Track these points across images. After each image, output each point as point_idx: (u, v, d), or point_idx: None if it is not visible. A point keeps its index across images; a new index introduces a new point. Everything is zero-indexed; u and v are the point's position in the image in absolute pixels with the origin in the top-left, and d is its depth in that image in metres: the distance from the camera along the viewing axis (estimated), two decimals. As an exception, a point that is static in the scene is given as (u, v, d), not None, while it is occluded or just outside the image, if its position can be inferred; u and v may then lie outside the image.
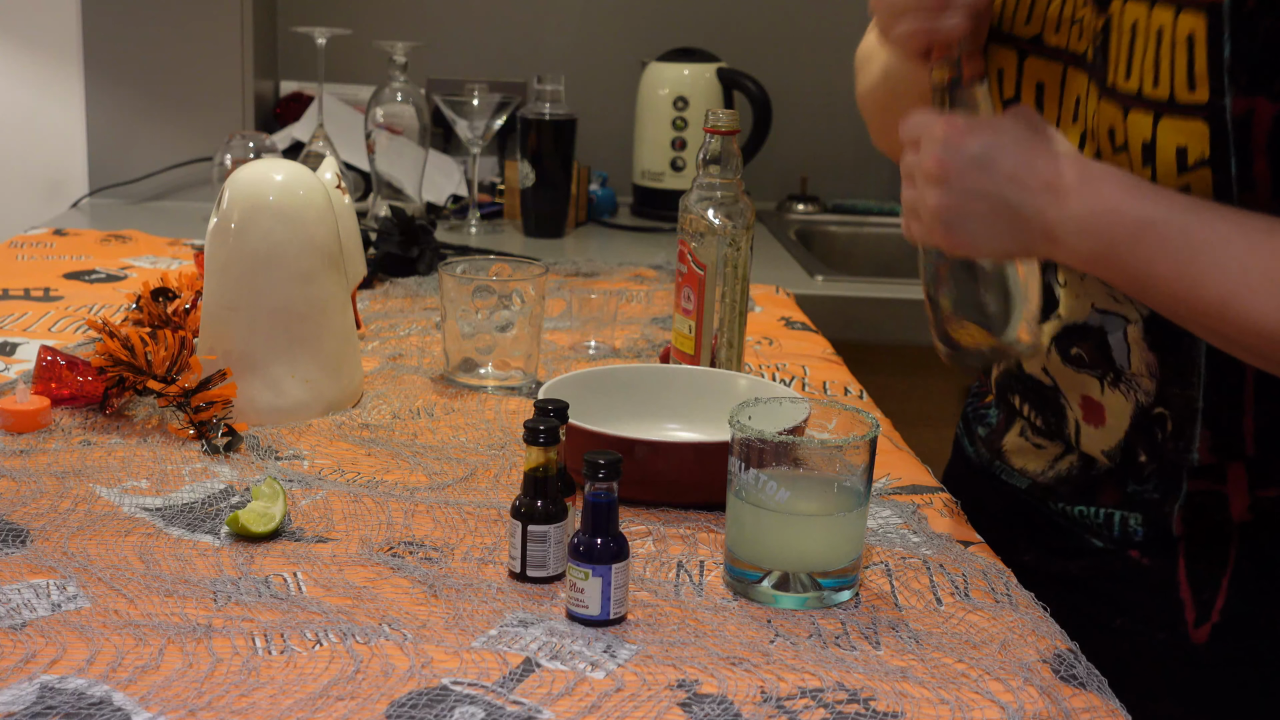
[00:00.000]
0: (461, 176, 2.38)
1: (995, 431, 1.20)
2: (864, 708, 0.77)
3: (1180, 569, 1.04)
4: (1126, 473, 1.06)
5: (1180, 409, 1.01)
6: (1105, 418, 1.06)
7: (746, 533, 0.90)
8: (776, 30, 2.62)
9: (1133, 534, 1.06)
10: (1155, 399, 1.02)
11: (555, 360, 1.44)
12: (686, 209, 1.26)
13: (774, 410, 0.96)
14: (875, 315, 2.01)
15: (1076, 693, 0.80)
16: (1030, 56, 1.05)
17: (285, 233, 1.17)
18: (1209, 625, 1.03)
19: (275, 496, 0.98)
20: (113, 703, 0.73)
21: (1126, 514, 1.06)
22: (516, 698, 0.76)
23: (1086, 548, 1.09)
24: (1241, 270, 0.87)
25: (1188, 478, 1.02)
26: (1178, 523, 1.03)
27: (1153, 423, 1.03)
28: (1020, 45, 1.06)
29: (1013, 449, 1.17)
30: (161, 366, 1.15)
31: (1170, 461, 1.03)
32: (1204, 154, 0.92)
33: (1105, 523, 1.07)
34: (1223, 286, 0.87)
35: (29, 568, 0.89)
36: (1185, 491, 1.02)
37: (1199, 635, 1.03)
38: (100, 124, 2.34)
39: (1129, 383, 1.03)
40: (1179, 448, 1.02)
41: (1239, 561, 1.02)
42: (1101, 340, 1.04)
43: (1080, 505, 1.09)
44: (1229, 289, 0.87)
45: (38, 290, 1.64)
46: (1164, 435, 1.02)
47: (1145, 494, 1.05)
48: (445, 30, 2.57)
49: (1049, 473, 1.12)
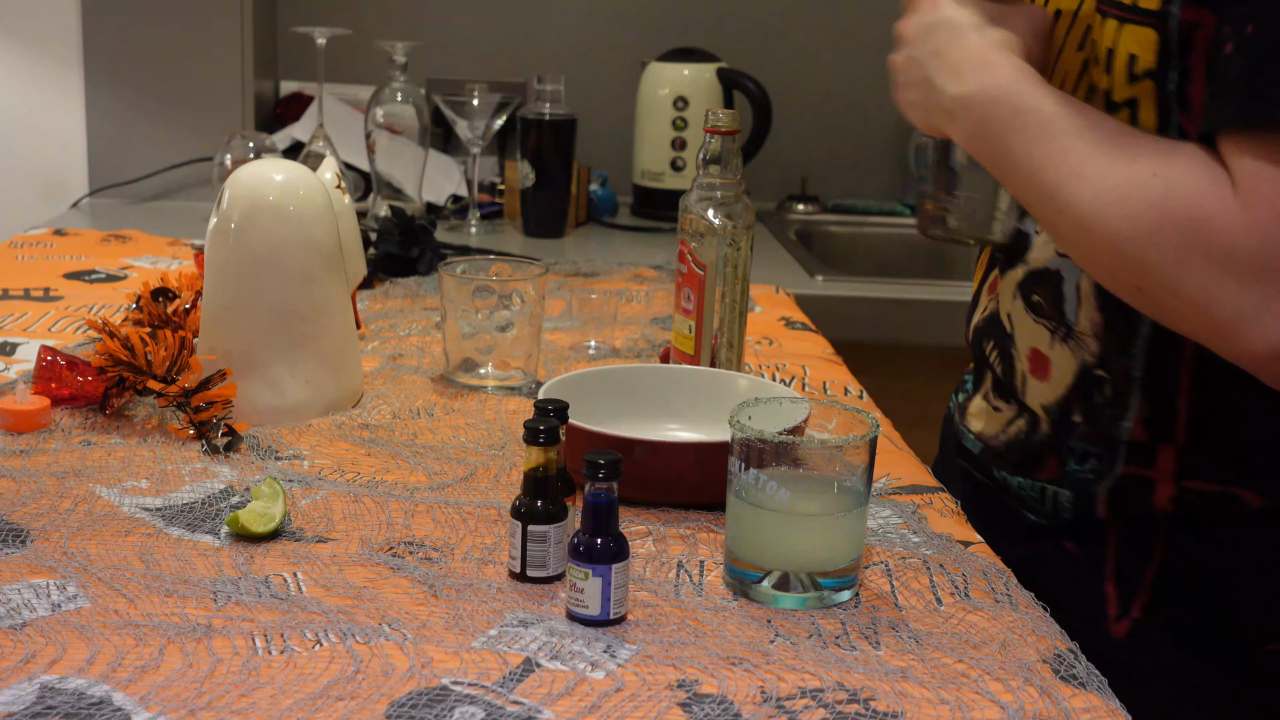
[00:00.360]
0: (461, 176, 2.38)
1: (968, 398, 1.22)
2: (864, 708, 0.77)
3: (1108, 562, 1.05)
4: (1060, 434, 1.06)
5: (1119, 375, 1.02)
6: (1051, 372, 1.07)
7: (746, 533, 0.90)
8: (776, 30, 2.62)
9: (1062, 510, 1.07)
10: (1098, 361, 1.03)
11: (555, 360, 1.44)
12: (686, 209, 1.26)
13: (774, 410, 0.96)
14: (875, 315, 2.01)
15: (1076, 693, 0.80)
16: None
17: (285, 233, 1.17)
18: (1128, 620, 1.04)
19: (275, 496, 0.98)
20: (113, 703, 0.73)
21: (1058, 490, 1.07)
22: (516, 698, 0.76)
23: (1024, 529, 1.10)
24: (1079, 162, 0.89)
25: (1122, 460, 1.02)
26: (1102, 504, 1.04)
27: (1093, 384, 1.04)
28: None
29: (975, 412, 1.18)
30: (161, 366, 1.15)
31: (1103, 428, 1.03)
32: (1150, 64, 0.94)
33: (1039, 497, 1.09)
34: (1058, 172, 0.90)
35: (29, 568, 0.89)
36: (1116, 474, 1.03)
37: (1118, 630, 1.04)
38: (100, 124, 2.34)
39: (1077, 340, 1.04)
40: (1113, 415, 1.02)
41: (1164, 561, 1.02)
42: (1058, 289, 1.05)
43: (1019, 477, 1.11)
44: (1062, 175, 0.90)
45: (38, 290, 1.65)
46: (1101, 399, 1.03)
47: (1080, 473, 1.05)
48: (445, 30, 2.57)
49: (1001, 437, 1.13)
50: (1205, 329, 0.87)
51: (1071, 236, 0.92)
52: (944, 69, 0.99)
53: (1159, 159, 0.87)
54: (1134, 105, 0.96)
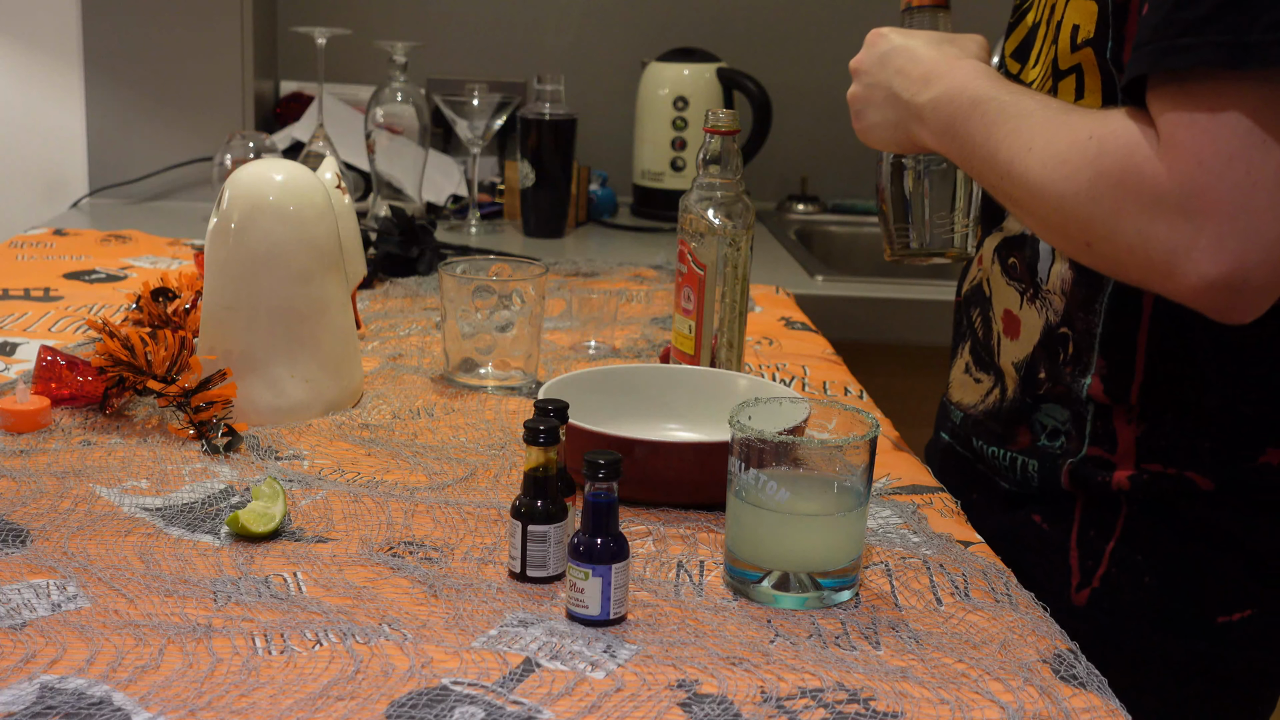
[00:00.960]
0: (461, 176, 2.38)
1: (950, 369, 1.27)
2: (864, 708, 0.77)
3: (1073, 534, 1.10)
4: (1029, 398, 1.13)
5: (1082, 332, 1.08)
6: (1020, 331, 1.14)
7: (746, 533, 0.90)
8: (776, 30, 2.62)
9: (1030, 480, 1.13)
10: (1062, 318, 1.10)
11: (555, 360, 1.44)
12: (686, 209, 1.26)
13: (774, 410, 0.96)
14: (875, 315, 2.01)
15: (1076, 693, 0.80)
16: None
17: (285, 233, 1.17)
18: (1089, 590, 1.09)
19: (275, 496, 0.98)
20: (113, 703, 0.73)
21: (1028, 460, 1.13)
22: (516, 698, 0.76)
23: (998, 500, 1.16)
24: (1029, 137, 0.96)
25: (1088, 442, 1.09)
26: (1066, 475, 1.10)
27: (1056, 342, 1.10)
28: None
29: (956, 383, 1.24)
30: (161, 366, 1.15)
31: (1065, 384, 1.10)
32: (1089, 33, 1.02)
33: (1010, 465, 1.15)
34: (1012, 148, 0.97)
35: (29, 568, 0.89)
36: (1082, 455, 1.09)
37: (1079, 599, 1.09)
38: (100, 124, 2.34)
39: (1043, 299, 1.11)
40: (1075, 372, 1.09)
41: (1123, 535, 1.08)
42: (1034, 250, 1.12)
43: (995, 446, 1.16)
44: (1014, 152, 0.97)
45: (38, 290, 1.65)
46: (1064, 356, 1.10)
47: (1049, 449, 1.12)
48: (445, 30, 2.57)
49: (980, 406, 1.19)
50: (1145, 272, 0.91)
51: (1027, 205, 0.98)
52: (910, 84, 1.08)
53: (1094, 123, 0.93)
54: (1079, 71, 1.04)
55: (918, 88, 1.07)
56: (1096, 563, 1.09)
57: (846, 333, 1.87)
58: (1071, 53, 1.04)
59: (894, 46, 1.10)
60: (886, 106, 1.10)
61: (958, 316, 1.27)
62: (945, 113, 1.04)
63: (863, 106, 1.13)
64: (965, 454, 1.23)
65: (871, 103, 1.12)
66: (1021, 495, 1.14)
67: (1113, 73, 1.01)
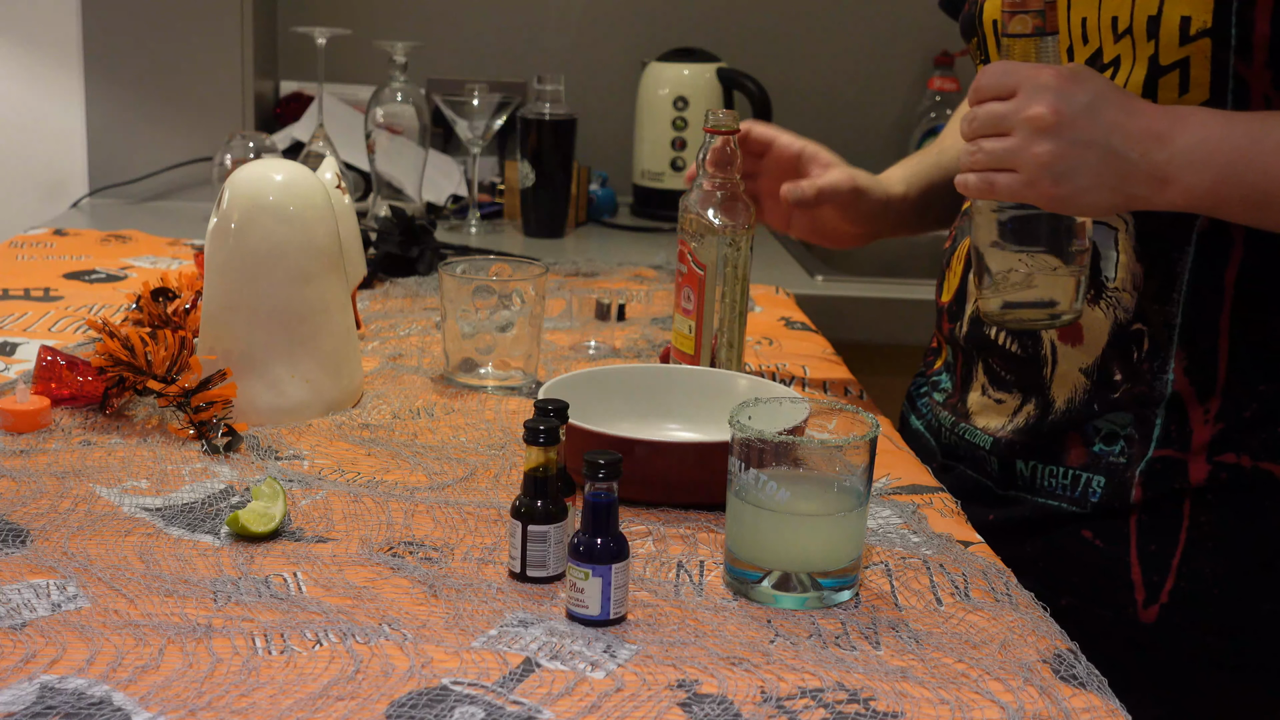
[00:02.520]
0: (461, 176, 2.38)
1: (953, 394, 1.23)
2: (864, 708, 0.77)
3: (1132, 550, 1.07)
4: (1098, 398, 1.07)
5: (1158, 326, 1.04)
6: (1083, 336, 1.09)
7: (746, 533, 0.90)
8: (776, 30, 2.62)
9: (1090, 495, 1.09)
10: (1134, 315, 1.05)
11: (555, 360, 1.44)
12: (686, 209, 1.26)
13: (774, 410, 0.96)
14: (875, 315, 2.01)
15: (1076, 693, 0.80)
16: None
17: (285, 233, 1.17)
18: (1157, 607, 1.06)
19: (275, 496, 0.98)
20: (113, 703, 0.73)
21: (1091, 476, 1.09)
22: (516, 698, 0.76)
23: (1036, 521, 1.12)
24: None
25: (1156, 442, 1.05)
26: (1137, 488, 1.06)
27: (1130, 340, 1.06)
28: None
29: (976, 409, 1.20)
30: (161, 366, 1.15)
31: (1145, 383, 1.05)
32: (1206, 23, 0.97)
33: (1072, 484, 1.10)
34: None
35: (29, 568, 0.89)
36: (1149, 456, 1.05)
37: (1147, 615, 1.06)
38: (100, 124, 2.34)
39: (1109, 299, 1.07)
40: (1154, 368, 1.05)
41: (1189, 545, 1.05)
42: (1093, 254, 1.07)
43: (1049, 464, 1.12)
44: None
45: (38, 290, 1.65)
46: (1140, 354, 1.06)
47: (1111, 457, 1.07)
48: (445, 30, 2.56)
49: (1008, 426, 1.15)
50: None
51: None
52: (1137, 140, 0.95)
53: None
54: (1185, 65, 0.99)
55: (1148, 145, 0.95)
56: (1163, 577, 1.06)
57: (846, 333, 1.87)
58: (1180, 45, 0.99)
59: (1099, 94, 0.96)
60: (1108, 169, 0.96)
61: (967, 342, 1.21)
62: (1211, 163, 0.94)
63: (1069, 169, 0.95)
64: (983, 480, 1.18)
65: (1084, 166, 0.96)
66: (1062, 513, 1.11)
67: (1230, 63, 0.97)
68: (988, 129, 0.98)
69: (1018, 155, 0.96)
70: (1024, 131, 0.95)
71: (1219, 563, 1.04)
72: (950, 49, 2.61)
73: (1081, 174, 0.95)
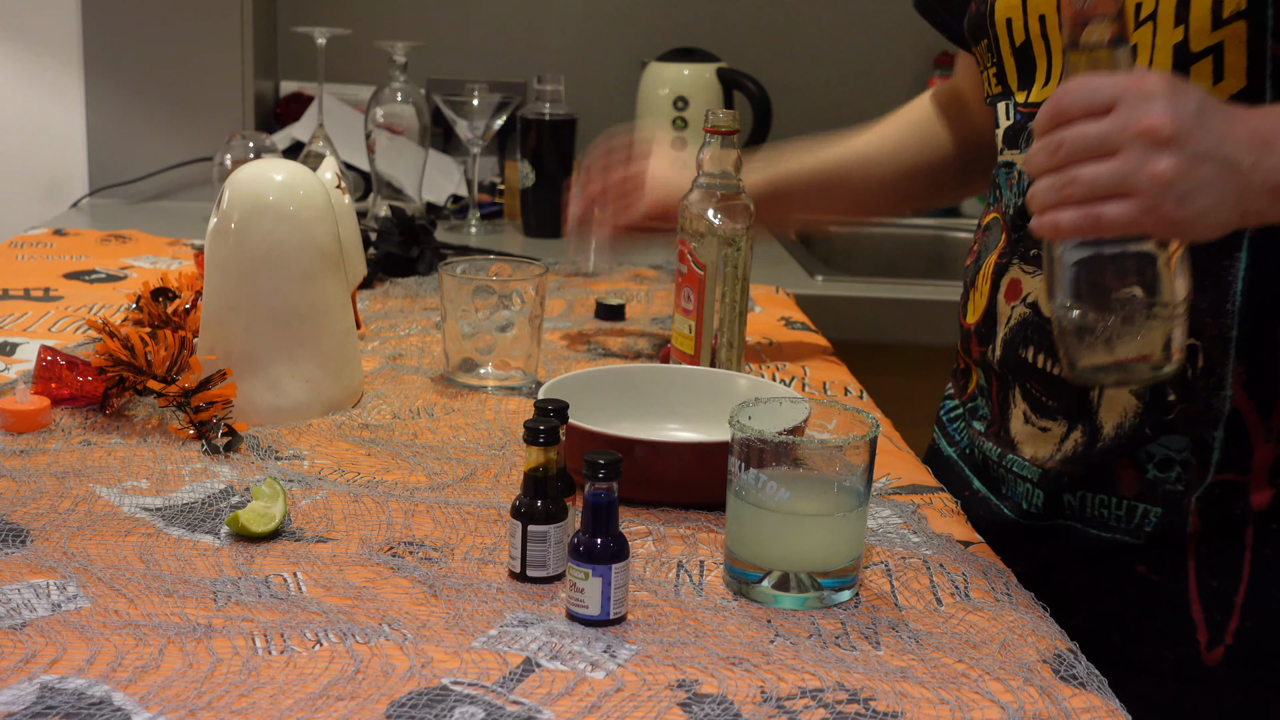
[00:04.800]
0: (461, 176, 2.38)
1: (994, 423, 1.16)
2: (864, 708, 0.77)
3: (1191, 585, 1.01)
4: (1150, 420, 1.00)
5: (1213, 339, 0.98)
6: None
7: (746, 533, 0.90)
8: (776, 30, 2.62)
9: (1146, 525, 1.03)
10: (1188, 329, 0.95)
11: (555, 360, 1.44)
12: (686, 209, 1.26)
13: (774, 410, 0.96)
14: (875, 315, 2.01)
15: (1076, 693, 0.80)
16: None
17: (285, 233, 1.17)
18: (1222, 648, 1.00)
19: (275, 496, 0.98)
20: (113, 703, 0.73)
21: (1148, 507, 1.02)
22: (516, 698, 0.76)
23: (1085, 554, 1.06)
24: None
25: (1214, 467, 0.99)
26: (1194, 515, 1.00)
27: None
28: None
29: (1022, 438, 1.12)
30: (161, 366, 1.15)
31: (1202, 401, 0.98)
32: (1240, 5, 0.91)
33: (1127, 515, 1.03)
34: None
35: (29, 568, 0.89)
36: (1208, 482, 0.99)
37: (1211, 657, 1.00)
38: (100, 124, 2.34)
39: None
40: (1211, 385, 0.98)
41: (1253, 578, 0.99)
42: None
43: (1101, 494, 1.05)
44: None
45: (38, 290, 1.64)
46: (1194, 370, 0.99)
47: (1166, 484, 1.01)
48: (445, 30, 2.57)
49: (1056, 455, 1.08)
50: None
51: None
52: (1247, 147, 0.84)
53: None
54: (1218, 50, 0.93)
55: (1260, 152, 0.84)
56: (1226, 615, 0.99)
57: (846, 333, 1.87)
58: (1213, 30, 0.93)
59: (1203, 100, 0.84)
60: (1225, 183, 0.83)
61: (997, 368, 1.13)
62: None
63: (1193, 186, 0.82)
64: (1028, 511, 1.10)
65: (1205, 181, 0.83)
66: (1114, 544, 1.05)
67: (1268, 47, 0.91)
68: (1083, 153, 0.83)
69: (1133, 177, 0.82)
70: (1137, 148, 0.82)
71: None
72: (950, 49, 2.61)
73: (1205, 192, 0.83)
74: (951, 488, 1.16)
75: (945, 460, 1.24)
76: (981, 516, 1.13)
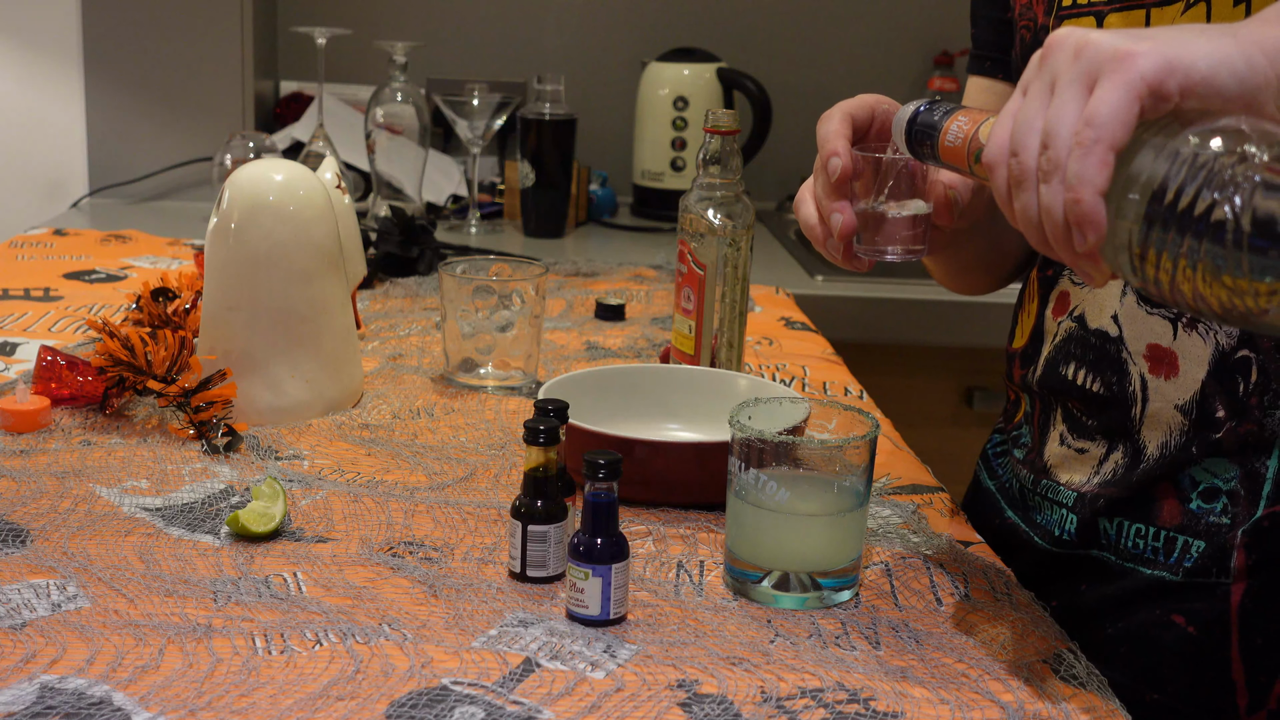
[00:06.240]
0: (461, 176, 2.38)
1: (1032, 449, 1.09)
2: (864, 708, 0.77)
3: (1233, 642, 0.94)
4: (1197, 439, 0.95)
5: (1269, 350, 0.92)
6: (1179, 366, 0.95)
7: (746, 533, 0.90)
8: (776, 30, 2.62)
9: (1185, 560, 0.95)
10: (1239, 340, 0.92)
11: (555, 360, 1.44)
12: (686, 209, 1.26)
13: (774, 410, 0.96)
14: (875, 315, 2.01)
15: (1076, 693, 0.80)
16: (1109, 14, 0.97)
17: (285, 233, 1.17)
18: (1264, 713, 0.93)
19: (275, 496, 0.98)
20: (113, 703, 0.73)
21: (1189, 540, 0.95)
22: (516, 698, 0.76)
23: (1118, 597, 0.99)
24: None
25: (1265, 499, 0.93)
26: (1239, 551, 0.93)
27: (1234, 369, 0.93)
28: (1096, 9, 0.97)
29: (1056, 461, 1.05)
30: (161, 366, 1.15)
31: (1254, 421, 0.92)
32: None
33: (1166, 547, 0.96)
34: None
35: (29, 568, 0.89)
36: (1256, 518, 0.92)
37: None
38: (100, 124, 2.34)
39: (1208, 324, 0.93)
40: (1265, 401, 0.92)
41: None
42: None
43: (1138, 523, 0.98)
44: None
45: (38, 290, 1.65)
46: (1247, 386, 0.92)
47: (1210, 516, 0.94)
48: (445, 30, 2.57)
49: (1094, 478, 1.01)
50: None
51: None
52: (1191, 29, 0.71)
53: None
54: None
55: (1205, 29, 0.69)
56: (1271, 678, 0.92)
57: (846, 333, 1.87)
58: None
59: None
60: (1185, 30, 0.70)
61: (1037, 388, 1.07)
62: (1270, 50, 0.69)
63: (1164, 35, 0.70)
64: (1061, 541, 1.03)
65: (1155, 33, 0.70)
66: (1151, 584, 0.97)
67: None
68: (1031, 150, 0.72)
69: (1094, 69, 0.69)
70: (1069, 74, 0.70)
71: None
72: (950, 49, 2.61)
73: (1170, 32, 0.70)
74: (983, 519, 1.12)
75: (984, 492, 1.17)
76: (1011, 546, 1.07)
